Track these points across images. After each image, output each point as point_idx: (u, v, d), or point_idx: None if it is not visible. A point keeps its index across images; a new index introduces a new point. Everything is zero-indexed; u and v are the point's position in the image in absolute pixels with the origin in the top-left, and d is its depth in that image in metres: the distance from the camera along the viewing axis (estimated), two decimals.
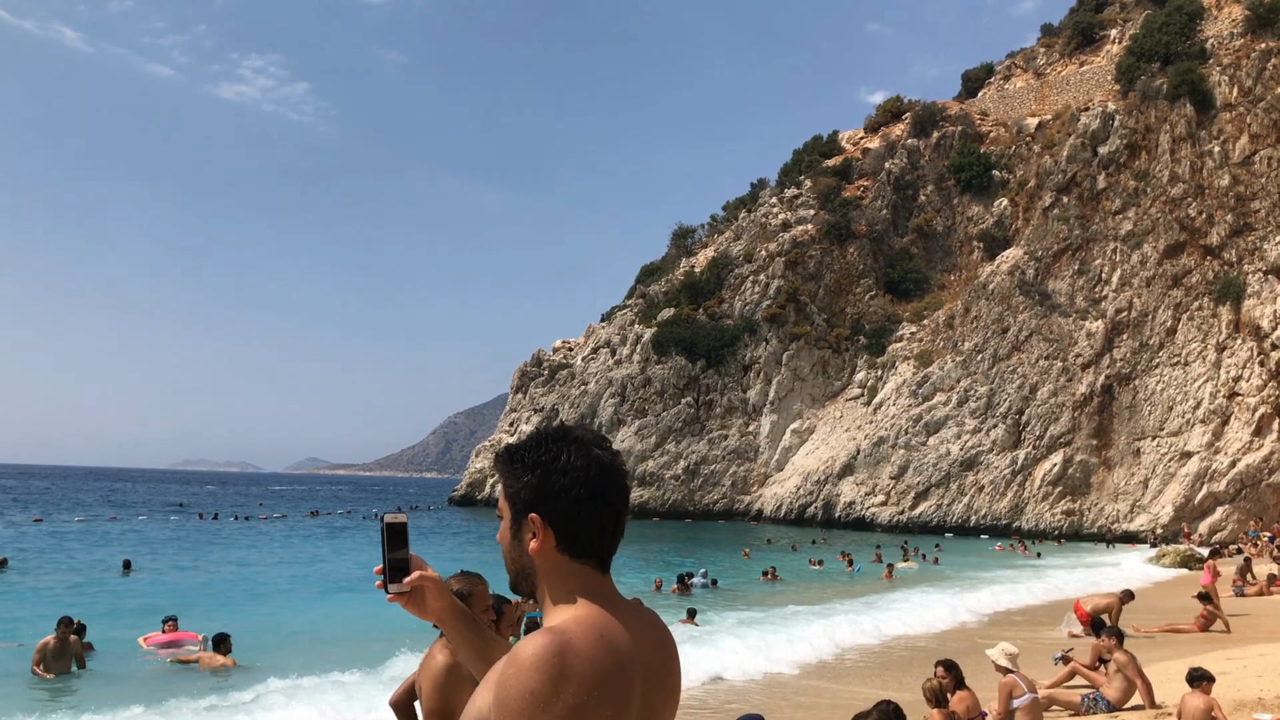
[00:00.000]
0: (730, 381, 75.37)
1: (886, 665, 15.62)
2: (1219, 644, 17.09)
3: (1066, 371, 63.33)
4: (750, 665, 14.60)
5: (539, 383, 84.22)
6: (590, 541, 2.06)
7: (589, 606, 1.99)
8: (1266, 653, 14.72)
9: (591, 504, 2.04)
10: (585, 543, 2.06)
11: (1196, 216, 63.22)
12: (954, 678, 8.83)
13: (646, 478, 74.01)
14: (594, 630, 1.93)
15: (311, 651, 16.64)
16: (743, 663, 14.59)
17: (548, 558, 2.05)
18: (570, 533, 2.05)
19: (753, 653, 15.09)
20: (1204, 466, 57.74)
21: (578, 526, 2.04)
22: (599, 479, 2.06)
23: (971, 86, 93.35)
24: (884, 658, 16.45)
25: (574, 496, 2.03)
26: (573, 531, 2.04)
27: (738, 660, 14.69)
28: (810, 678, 14.46)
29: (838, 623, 18.39)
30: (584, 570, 2.06)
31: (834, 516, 66.51)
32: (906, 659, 16.27)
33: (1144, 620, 20.09)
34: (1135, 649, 15.80)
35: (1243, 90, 64.58)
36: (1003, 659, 9.47)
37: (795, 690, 13.49)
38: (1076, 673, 13.21)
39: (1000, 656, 9.51)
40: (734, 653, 15.10)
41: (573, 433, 2.11)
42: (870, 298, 77.27)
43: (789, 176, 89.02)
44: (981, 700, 9.77)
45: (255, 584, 27.87)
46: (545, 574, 2.06)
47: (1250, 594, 26.09)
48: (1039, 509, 61.29)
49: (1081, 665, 13.44)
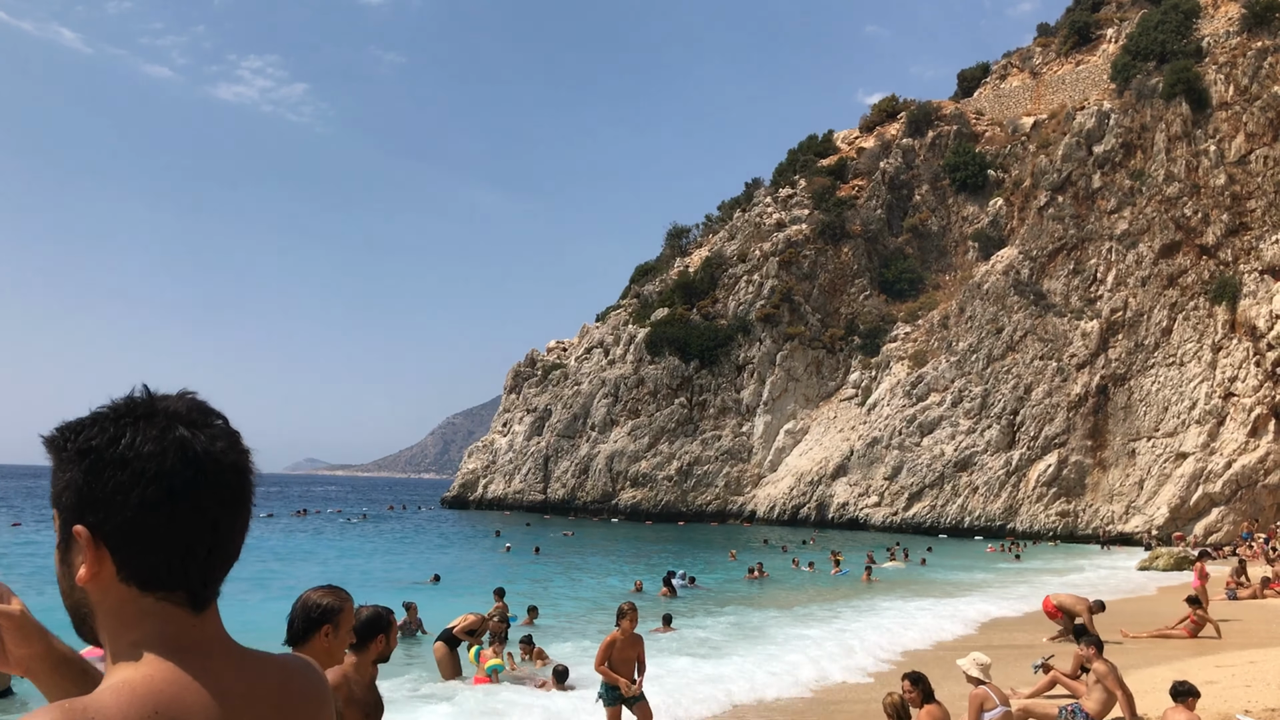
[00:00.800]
0: (724, 382, 74.88)
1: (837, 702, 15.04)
2: (1209, 650, 16.60)
3: (1061, 372, 62.87)
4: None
5: (532, 383, 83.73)
6: (169, 567, 1.38)
7: (155, 665, 1.34)
8: (1258, 660, 14.23)
9: (169, 510, 1.36)
10: (161, 569, 1.38)
11: (1192, 216, 62.78)
12: (921, 691, 8.34)
13: (639, 478, 73.52)
14: (144, 704, 1.29)
15: None
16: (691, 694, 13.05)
17: (106, 591, 1.38)
18: (135, 554, 1.37)
19: (712, 685, 13.66)
20: (1199, 467, 57.25)
21: (148, 545, 1.37)
22: (183, 472, 1.37)
23: (968, 86, 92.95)
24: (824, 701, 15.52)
25: (139, 500, 1.35)
26: (139, 552, 1.37)
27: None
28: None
29: (798, 648, 16.84)
30: (161, 609, 1.39)
31: (827, 518, 66.02)
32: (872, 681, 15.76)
33: (1134, 625, 19.60)
34: (1123, 655, 15.33)
35: (1239, 89, 64.15)
36: (974, 669, 8.99)
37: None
38: (1057, 682, 12.74)
39: (971, 666, 9.03)
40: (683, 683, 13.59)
41: (153, 404, 1.42)
42: (865, 298, 76.83)
43: (784, 176, 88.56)
44: (954, 714, 9.30)
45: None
46: (104, 615, 1.39)
47: (1243, 597, 25.65)
48: (1033, 510, 60.81)
49: (1062, 674, 12.97)
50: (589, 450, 76.12)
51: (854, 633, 18.65)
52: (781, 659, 15.47)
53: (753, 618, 21.45)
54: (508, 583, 22.73)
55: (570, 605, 24.19)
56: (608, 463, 74.70)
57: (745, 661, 15.21)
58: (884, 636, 18.39)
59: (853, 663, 15.48)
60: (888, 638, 18.29)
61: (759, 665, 14.85)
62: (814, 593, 26.37)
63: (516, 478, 78.81)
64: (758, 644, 17.33)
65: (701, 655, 16.00)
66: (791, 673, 14.39)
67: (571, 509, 74.75)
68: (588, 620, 20.96)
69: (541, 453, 78.34)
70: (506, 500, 78.15)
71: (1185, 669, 13.97)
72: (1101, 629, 18.86)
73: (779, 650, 16.43)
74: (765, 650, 16.50)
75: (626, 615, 10.25)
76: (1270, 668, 13.33)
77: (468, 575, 31.03)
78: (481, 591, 26.70)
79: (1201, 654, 15.93)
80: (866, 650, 16.63)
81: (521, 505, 76.71)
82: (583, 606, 23.85)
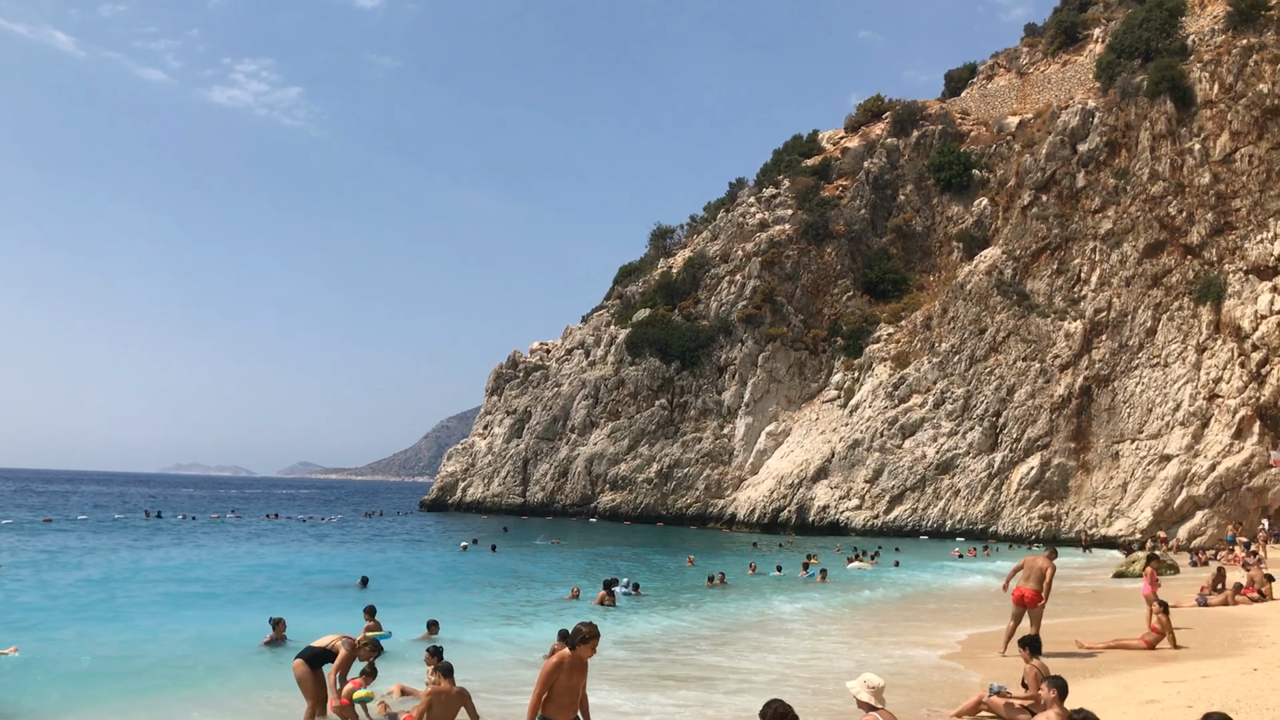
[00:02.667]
0: (705, 383, 73.94)
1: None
2: (1165, 661, 15.65)
3: (1044, 373, 62.05)
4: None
5: (513, 384, 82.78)
6: None
7: None
8: (1210, 674, 13.30)
9: None
10: None
11: (1177, 215, 61.99)
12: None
13: (619, 481, 72.57)
14: None
15: (84, 687, 14.26)
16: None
17: None
18: None
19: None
20: (1183, 470, 56.46)
21: None
22: None
23: (955, 86, 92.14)
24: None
25: None
26: None
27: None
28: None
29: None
30: None
31: (807, 521, 65.08)
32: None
33: (1098, 634, 18.64)
34: (1067, 666, 14.39)
35: (1224, 87, 63.39)
36: (864, 693, 8.06)
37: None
38: (992, 709, 11.78)
39: (861, 690, 8.09)
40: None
41: None
42: (848, 298, 75.95)
43: (768, 176, 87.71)
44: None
45: (109, 589, 26.05)
46: None
47: (1214, 604, 24.76)
48: (1016, 513, 59.96)
49: (1013, 697, 11.81)
50: (568, 453, 75.16)
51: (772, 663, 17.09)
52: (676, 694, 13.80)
53: (676, 636, 19.94)
54: (443, 588, 21.75)
55: (485, 614, 22.86)
56: (587, 465, 73.74)
57: (623, 698, 13.58)
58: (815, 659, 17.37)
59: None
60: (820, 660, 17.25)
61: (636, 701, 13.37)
62: (759, 610, 25.01)
63: (495, 480, 77.82)
64: (654, 679, 15.26)
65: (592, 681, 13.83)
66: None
67: (550, 512, 73.79)
68: (503, 640, 19.22)
69: (521, 455, 77.37)
70: (485, 503, 77.15)
71: (1131, 683, 13.06)
72: (1057, 639, 17.95)
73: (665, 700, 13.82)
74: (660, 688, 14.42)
75: (589, 641, 8.39)
76: (1220, 684, 12.41)
77: (408, 580, 30.02)
78: (419, 598, 25.79)
79: (1154, 666, 14.98)
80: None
81: (500, 508, 75.72)
82: (495, 619, 22.12)
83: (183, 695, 13.69)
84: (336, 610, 21.94)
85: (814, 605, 25.79)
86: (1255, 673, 13.19)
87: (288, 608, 20.41)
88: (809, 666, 16.41)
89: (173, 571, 30.61)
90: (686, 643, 19.06)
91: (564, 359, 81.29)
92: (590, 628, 8.54)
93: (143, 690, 14.03)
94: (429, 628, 18.49)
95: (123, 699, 13.46)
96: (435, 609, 20.64)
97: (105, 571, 30.04)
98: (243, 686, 14.35)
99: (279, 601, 23.22)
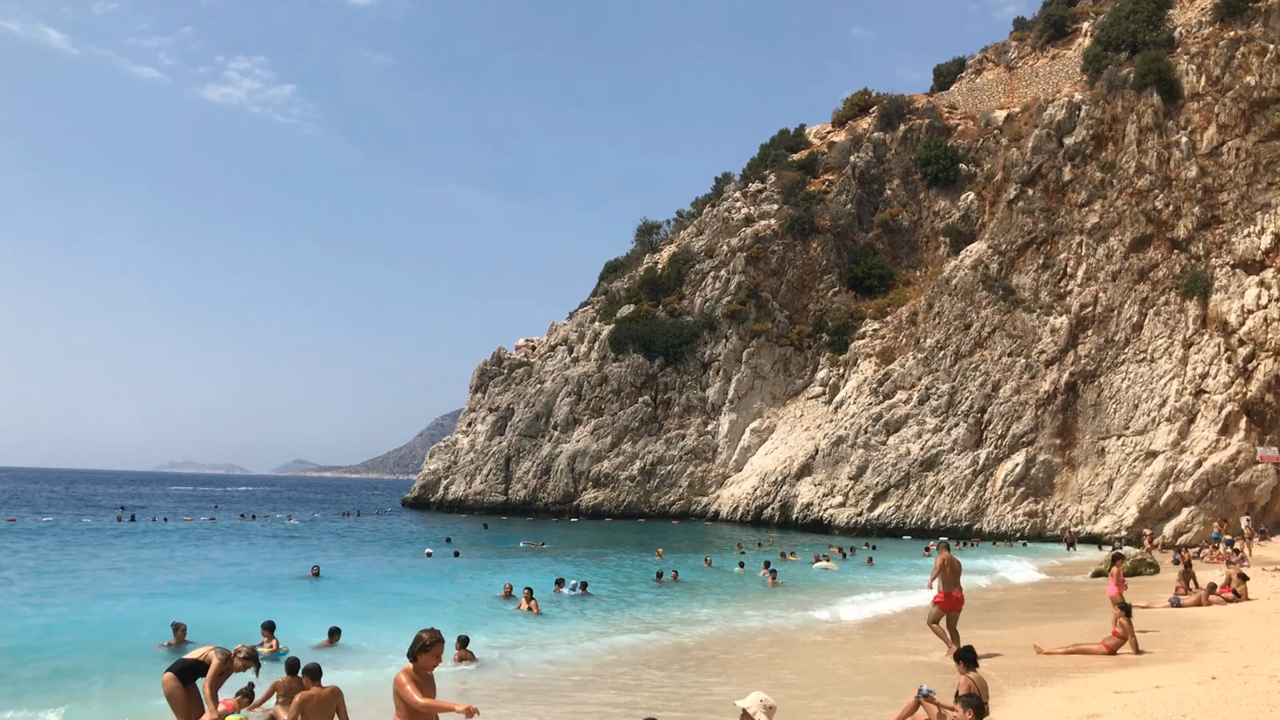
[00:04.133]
0: (689, 380, 73.17)
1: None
2: (1123, 667, 14.91)
3: (1030, 368, 61.32)
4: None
5: (497, 381, 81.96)
6: None
7: None
8: (1164, 684, 12.57)
9: None
10: None
11: (1163, 209, 61.27)
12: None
13: (601, 479, 71.81)
14: None
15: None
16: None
17: None
18: None
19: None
20: (1169, 466, 55.73)
21: None
22: None
23: (944, 81, 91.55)
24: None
25: None
26: None
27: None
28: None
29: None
30: None
31: (791, 518, 64.35)
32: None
33: (1051, 639, 17.90)
34: (1015, 674, 13.68)
35: (1211, 79, 62.68)
36: (760, 713, 7.33)
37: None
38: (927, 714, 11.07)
39: (754, 707, 7.36)
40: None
41: None
42: (834, 294, 75.23)
43: (755, 171, 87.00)
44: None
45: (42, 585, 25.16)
46: None
47: (1188, 604, 24.08)
48: (1000, 510, 59.24)
49: (945, 706, 11.20)
50: (551, 450, 74.37)
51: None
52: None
53: (582, 658, 17.65)
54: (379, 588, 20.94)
55: (404, 616, 21.73)
56: (569, 463, 72.96)
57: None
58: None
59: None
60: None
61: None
62: (703, 617, 23.78)
63: (477, 478, 77.00)
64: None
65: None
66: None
67: (532, 510, 73.03)
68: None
69: (503, 453, 76.57)
70: (467, 501, 76.33)
71: (1079, 692, 12.34)
72: (1017, 645, 17.24)
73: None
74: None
75: (430, 649, 7.63)
76: (1172, 695, 11.68)
77: (364, 573, 29.17)
78: (367, 589, 25.05)
79: (1110, 672, 14.23)
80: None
81: (482, 506, 74.91)
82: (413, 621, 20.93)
83: (54, 698, 12.87)
84: (295, 604, 21.13)
85: (766, 623, 22.57)
86: (1213, 681, 12.47)
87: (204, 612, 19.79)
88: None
89: (92, 573, 29.70)
90: (588, 670, 16.43)
91: (548, 355, 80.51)
92: (431, 634, 7.69)
93: (13, 694, 13.23)
94: (330, 635, 17.73)
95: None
96: (340, 616, 19.80)
97: (34, 569, 29.23)
98: (120, 693, 13.57)
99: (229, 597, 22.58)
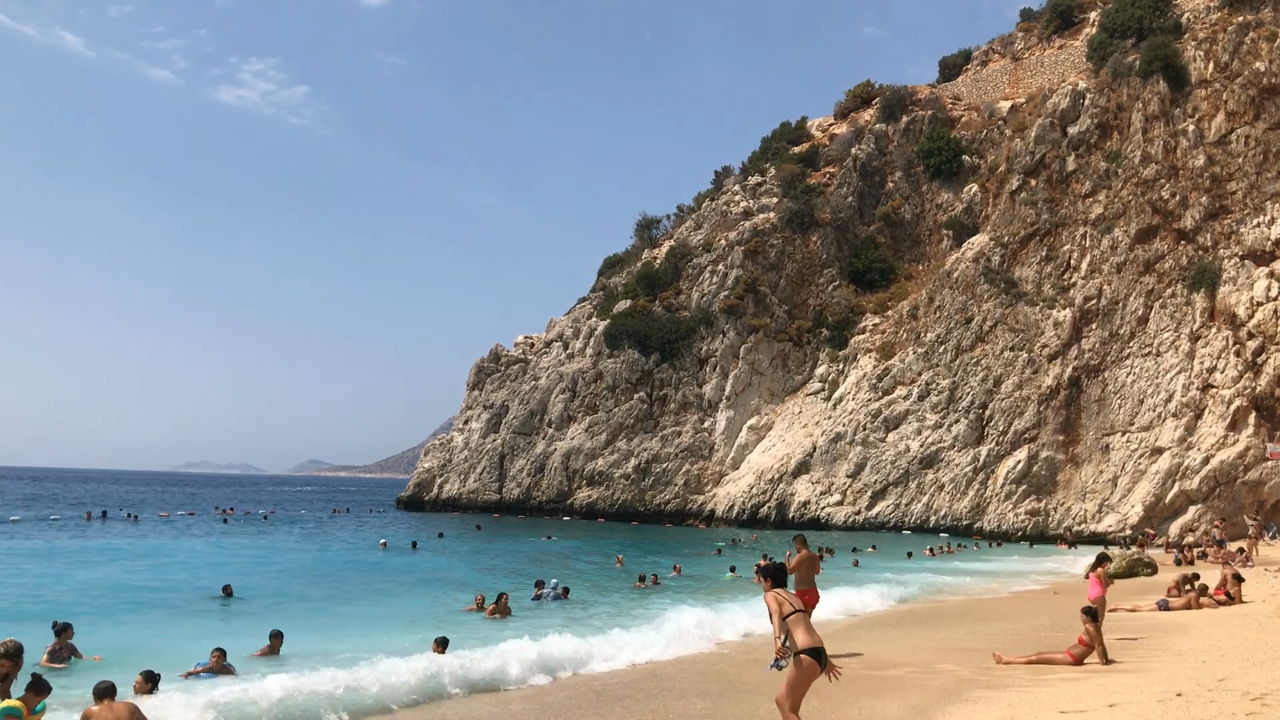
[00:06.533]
0: (685, 376, 71.83)
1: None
2: (1086, 679, 13.52)
3: (1032, 363, 59.76)
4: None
5: (493, 378, 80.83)
6: None
7: None
8: (1120, 701, 11.21)
9: None
10: None
11: (1170, 199, 59.59)
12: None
13: (595, 477, 70.56)
14: None
15: None
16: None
17: None
18: None
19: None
20: (1176, 463, 54.10)
21: None
22: None
23: (950, 73, 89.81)
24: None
25: None
26: None
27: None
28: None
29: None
30: None
31: (788, 517, 62.94)
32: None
33: (1015, 647, 16.51)
34: (975, 690, 12.39)
35: (1219, 66, 60.94)
36: None
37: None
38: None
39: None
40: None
41: None
42: (833, 288, 73.77)
43: (755, 164, 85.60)
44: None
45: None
46: None
47: (1177, 607, 22.65)
48: (1001, 509, 57.71)
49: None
50: (545, 448, 73.18)
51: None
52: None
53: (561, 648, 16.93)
54: (300, 591, 19.68)
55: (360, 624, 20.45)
56: (564, 461, 71.76)
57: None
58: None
59: None
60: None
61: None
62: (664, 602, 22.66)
63: (471, 477, 75.90)
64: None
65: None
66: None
67: (526, 509, 71.88)
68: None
69: (497, 451, 75.44)
70: (461, 500, 75.25)
71: (1018, 712, 10.99)
72: (974, 652, 15.91)
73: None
74: None
75: (103, 699, 7.45)
76: (1126, 715, 10.33)
77: (292, 585, 27.77)
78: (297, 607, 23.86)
79: (1066, 686, 12.85)
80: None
81: (476, 505, 73.81)
82: (370, 631, 19.49)
83: None
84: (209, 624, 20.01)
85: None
86: (1176, 699, 11.12)
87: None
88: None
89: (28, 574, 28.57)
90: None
91: (543, 352, 79.34)
92: (106, 686, 7.48)
93: None
94: (271, 638, 16.61)
95: None
96: (294, 619, 18.64)
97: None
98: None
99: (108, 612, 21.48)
